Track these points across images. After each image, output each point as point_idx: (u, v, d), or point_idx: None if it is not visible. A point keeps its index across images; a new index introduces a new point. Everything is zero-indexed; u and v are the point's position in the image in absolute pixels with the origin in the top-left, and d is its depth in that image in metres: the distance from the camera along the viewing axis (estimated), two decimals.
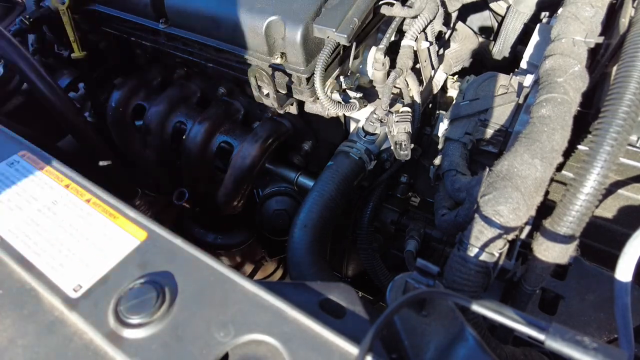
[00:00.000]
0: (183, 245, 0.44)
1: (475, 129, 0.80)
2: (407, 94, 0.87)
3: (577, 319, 0.61)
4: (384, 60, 0.81)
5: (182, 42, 0.91)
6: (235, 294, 0.40)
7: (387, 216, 1.00)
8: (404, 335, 0.40)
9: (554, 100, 0.58)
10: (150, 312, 0.39)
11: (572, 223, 0.52)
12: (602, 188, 0.51)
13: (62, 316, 0.40)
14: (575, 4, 0.67)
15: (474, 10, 1.16)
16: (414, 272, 0.42)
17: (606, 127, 0.51)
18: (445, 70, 1.00)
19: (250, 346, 0.38)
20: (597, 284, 0.62)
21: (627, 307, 0.43)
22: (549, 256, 0.55)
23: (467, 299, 0.36)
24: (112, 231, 0.46)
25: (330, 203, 0.80)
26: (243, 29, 0.80)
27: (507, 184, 0.54)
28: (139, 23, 0.93)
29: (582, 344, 0.32)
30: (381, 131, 0.88)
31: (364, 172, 0.87)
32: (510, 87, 0.81)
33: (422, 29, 0.84)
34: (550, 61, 0.63)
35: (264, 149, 0.95)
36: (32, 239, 0.46)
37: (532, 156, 0.54)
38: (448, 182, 0.77)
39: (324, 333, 0.37)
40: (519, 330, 0.34)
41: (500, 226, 0.53)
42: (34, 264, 0.44)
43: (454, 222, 0.70)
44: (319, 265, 0.74)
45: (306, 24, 0.75)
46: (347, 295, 0.43)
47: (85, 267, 0.43)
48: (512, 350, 0.57)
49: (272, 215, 1.00)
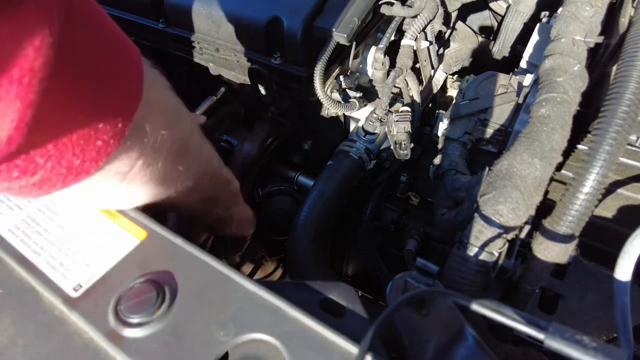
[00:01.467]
0: (183, 244, 0.44)
1: (475, 128, 0.80)
2: (407, 94, 0.87)
3: (576, 319, 0.61)
4: (383, 60, 0.81)
5: (182, 42, 0.91)
6: (236, 293, 0.40)
7: (386, 215, 1.00)
8: (404, 334, 0.40)
9: (553, 100, 0.58)
10: (150, 311, 0.39)
11: (571, 222, 0.52)
12: (602, 187, 0.51)
13: (62, 315, 0.40)
14: (575, 4, 0.67)
15: (474, 9, 1.16)
16: (413, 272, 0.42)
17: (606, 127, 0.51)
18: (445, 69, 1.00)
19: (250, 345, 0.38)
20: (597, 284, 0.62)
21: (626, 306, 0.43)
22: (548, 255, 0.55)
23: (466, 299, 0.36)
24: (112, 230, 0.46)
25: (330, 202, 0.80)
26: (242, 28, 0.80)
27: (507, 184, 0.54)
28: (139, 22, 0.93)
29: (582, 344, 0.32)
30: (381, 131, 0.88)
31: (363, 171, 0.87)
32: (509, 87, 0.81)
33: (421, 28, 0.84)
34: (549, 61, 0.63)
35: (264, 148, 0.95)
36: (32, 238, 0.46)
37: (531, 156, 0.54)
38: (448, 181, 0.77)
39: (324, 332, 0.37)
40: (518, 330, 0.34)
41: (500, 225, 0.53)
42: (34, 263, 0.44)
43: (453, 222, 0.70)
44: (318, 265, 0.74)
45: (306, 23, 0.75)
46: (347, 295, 0.43)
47: (85, 266, 0.43)
48: (512, 350, 0.57)
49: (272, 214, 1.00)
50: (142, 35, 0.96)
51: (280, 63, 0.80)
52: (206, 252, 0.43)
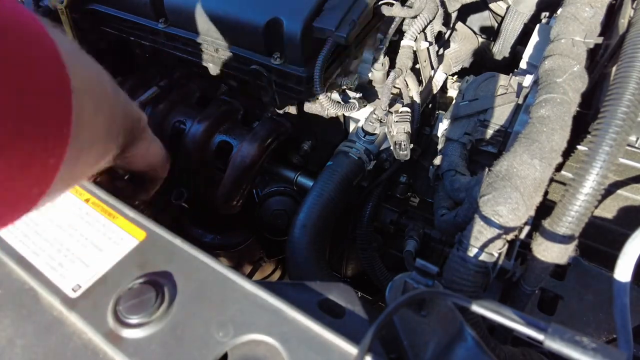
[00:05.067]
0: (182, 245, 0.44)
1: (475, 129, 0.80)
2: (407, 94, 0.87)
3: (576, 319, 0.61)
4: (383, 60, 0.81)
5: (182, 42, 0.91)
6: (235, 294, 0.40)
7: (386, 216, 1.00)
8: (403, 335, 0.40)
9: (553, 101, 0.58)
10: (149, 312, 0.39)
11: (571, 223, 0.52)
12: (602, 188, 0.51)
13: (61, 316, 0.40)
14: (575, 5, 0.67)
15: (474, 10, 1.16)
16: (413, 272, 0.42)
17: (605, 128, 0.51)
18: (445, 70, 1.00)
19: (250, 346, 0.38)
20: (596, 284, 0.62)
21: (626, 307, 0.43)
22: (548, 256, 0.55)
23: (466, 299, 0.36)
24: (111, 231, 0.46)
25: (329, 203, 0.80)
26: (242, 28, 0.80)
27: (507, 184, 0.54)
28: (139, 23, 0.93)
29: (581, 344, 0.32)
30: (380, 131, 0.88)
31: (363, 172, 0.87)
32: (509, 88, 0.81)
33: (421, 29, 0.84)
34: (549, 61, 0.63)
35: (263, 148, 0.95)
36: (31, 238, 0.45)
37: (531, 156, 0.54)
38: (447, 182, 0.77)
39: (323, 333, 0.37)
40: (518, 331, 0.34)
41: (500, 226, 0.53)
42: (33, 264, 0.44)
43: (453, 222, 0.70)
44: (318, 265, 0.74)
45: (306, 23, 0.75)
46: (347, 295, 0.43)
47: (84, 267, 0.43)
48: (511, 351, 0.57)
49: (271, 215, 1.00)
50: (142, 35, 0.96)
51: (280, 63, 0.80)
52: (205, 252, 0.43)
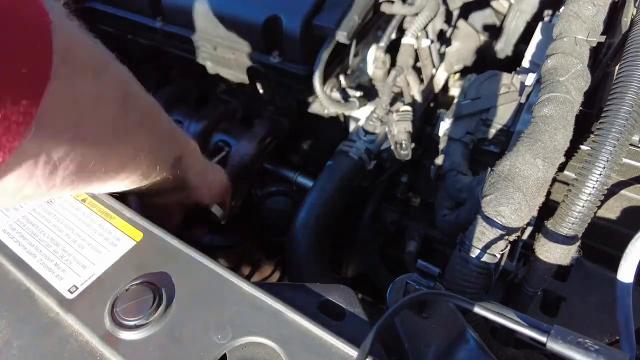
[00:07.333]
0: (180, 246, 0.44)
1: (477, 128, 0.80)
2: (408, 93, 0.87)
3: (578, 321, 0.61)
4: (384, 59, 0.81)
5: (180, 40, 0.90)
6: (233, 296, 0.40)
7: (387, 216, 0.99)
8: (404, 337, 0.40)
9: (556, 100, 0.57)
10: (146, 313, 0.38)
11: (574, 224, 0.52)
12: (605, 188, 0.51)
13: (57, 317, 0.40)
14: (577, 3, 0.67)
15: (476, 8, 1.16)
16: (414, 274, 0.42)
17: (608, 127, 0.51)
18: (447, 68, 0.99)
19: (248, 348, 0.38)
20: (599, 286, 0.62)
21: (629, 308, 0.43)
22: (550, 257, 0.55)
23: (468, 301, 0.36)
24: (108, 232, 0.45)
25: (329, 203, 0.79)
26: (241, 26, 0.80)
27: (509, 185, 0.54)
28: (136, 21, 0.93)
29: (584, 346, 0.32)
30: (381, 130, 0.87)
31: (363, 171, 0.87)
32: (512, 86, 0.80)
33: (423, 27, 0.83)
34: (552, 60, 0.62)
35: (262, 148, 0.95)
36: (28, 239, 0.45)
37: (534, 156, 0.54)
38: (449, 182, 0.76)
39: (323, 335, 0.37)
40: (520, 332, 0.34)
41: (502, 227, 0.53)
42: (30, 265, 0.43)
43: (455, 223, 0.69)
44: (318, 266, 0.74)
45: (305, 21, 0.75)
46: (347, 297, 0.43)
47: (81, 268, 0.43)
48: (514, 353, 0.57)
49: (271, 215, 0.99)
50: (140, 33, 0.96)
51: (279, 61, 0.79)
52: (203, 253, 0.43)
